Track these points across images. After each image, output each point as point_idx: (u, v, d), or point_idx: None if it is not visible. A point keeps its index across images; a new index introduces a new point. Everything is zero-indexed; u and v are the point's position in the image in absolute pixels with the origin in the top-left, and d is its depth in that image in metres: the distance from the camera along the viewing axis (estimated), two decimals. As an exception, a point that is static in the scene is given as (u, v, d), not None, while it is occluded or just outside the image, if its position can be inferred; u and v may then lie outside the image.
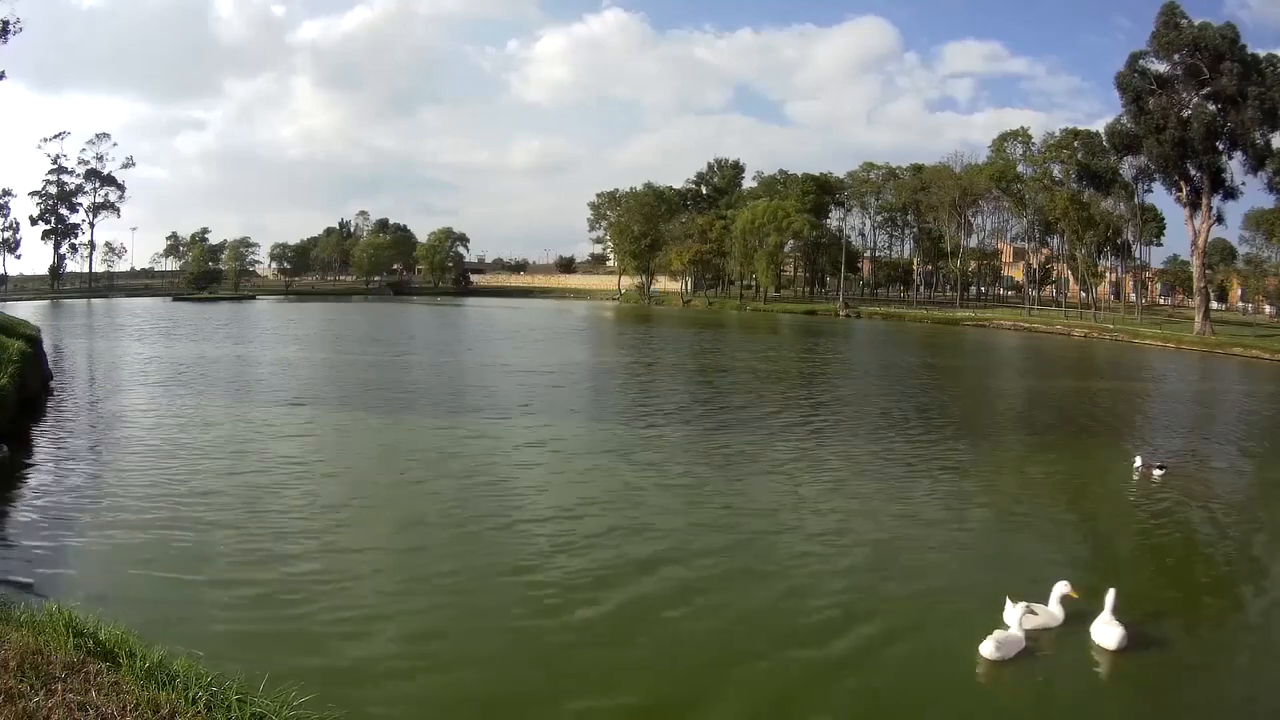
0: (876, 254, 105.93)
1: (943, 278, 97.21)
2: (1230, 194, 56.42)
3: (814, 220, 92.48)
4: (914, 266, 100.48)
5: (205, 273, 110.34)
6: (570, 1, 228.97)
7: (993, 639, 6.78)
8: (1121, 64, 56.78)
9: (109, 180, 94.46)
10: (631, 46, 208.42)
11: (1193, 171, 55.57)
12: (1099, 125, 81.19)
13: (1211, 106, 53.13)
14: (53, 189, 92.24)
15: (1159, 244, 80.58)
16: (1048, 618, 7.33)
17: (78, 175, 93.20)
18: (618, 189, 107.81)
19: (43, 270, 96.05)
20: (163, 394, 20.23)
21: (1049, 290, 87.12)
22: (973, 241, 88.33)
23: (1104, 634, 6.99)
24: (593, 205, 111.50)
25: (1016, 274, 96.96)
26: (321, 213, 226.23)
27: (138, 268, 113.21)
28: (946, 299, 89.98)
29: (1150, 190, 67.15)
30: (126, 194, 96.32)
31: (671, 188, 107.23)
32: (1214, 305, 64.62)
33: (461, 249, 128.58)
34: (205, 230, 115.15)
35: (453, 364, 29.54)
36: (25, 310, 44.39)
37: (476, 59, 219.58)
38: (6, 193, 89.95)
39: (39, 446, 13.81)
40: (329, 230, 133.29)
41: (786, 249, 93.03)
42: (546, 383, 24.20)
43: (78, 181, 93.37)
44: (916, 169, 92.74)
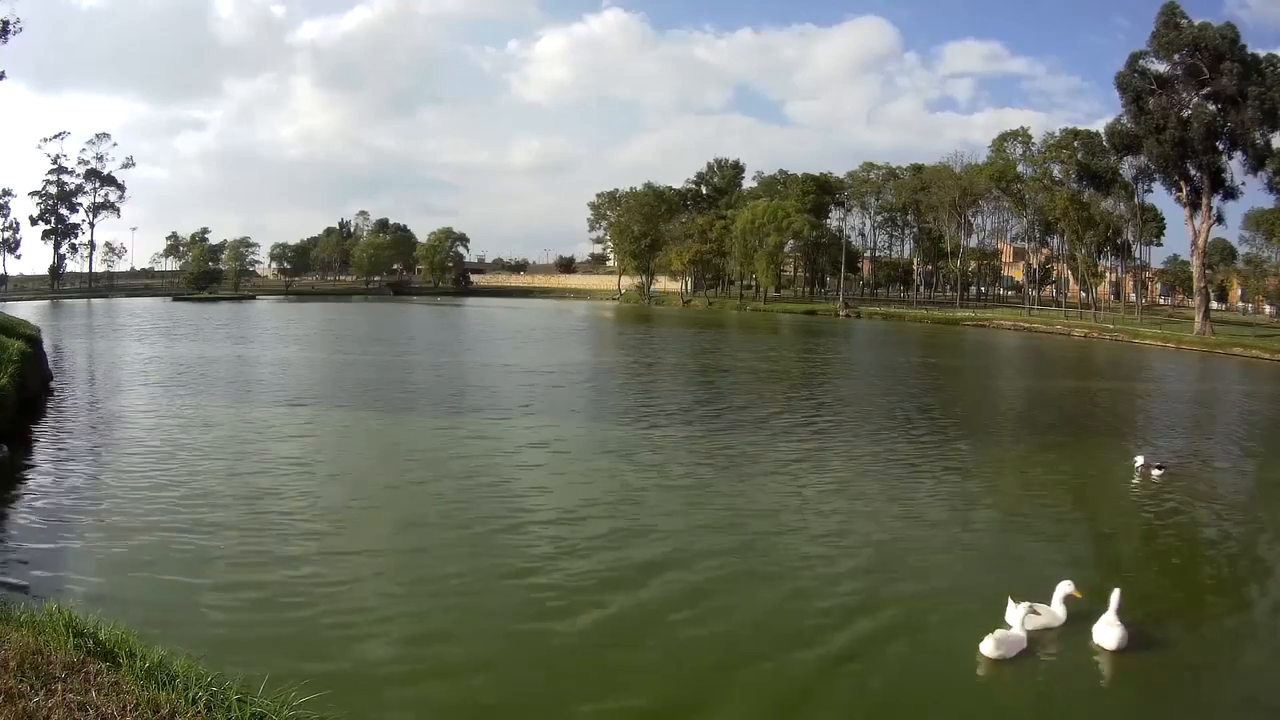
0: (876, 254, 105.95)
1: (943, 278, 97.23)
2: (1230, 194, 56.47)
3: (814, 220, 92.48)
4: (914, 266, 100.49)
5: (205, 273, 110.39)
6: (570, 1, 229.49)
7: (993, 638, 6.78)
8: (1121, 64, 56.91)
9: (109, 180, 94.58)
10: (631, 46, 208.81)
11: (1193, 171, 55.58)
12: (1099, 125, 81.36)
13: (1211, 106, 53.13)
14: (53, 189, 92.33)
15: (1159, 244, 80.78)
16: (1050, 617, 7.33)
17: (78, 175, 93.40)
18: (618, 189, 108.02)
19: (43, 270, 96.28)
20: (163, 394, 20.23)
21: (1049, 290, 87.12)
22: (973, 241, 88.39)
23: (1104, 634, 6.98)
24: (593, 205, 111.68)
25: (1016, 274, 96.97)
26: (321, 213, 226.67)
27: (138, 268, 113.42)
28: (946, 299, 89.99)
29: (1150, 190, 67.31)
30: (126, 194, 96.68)
31: (671, 188, 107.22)
32: (1214, 305, 64.62)
33: (461, 249, 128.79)
34: (205, 230, 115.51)
35: (453, 364, 29.54)
36: (25, 310, 44.40)
37: (476, 59, 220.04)
38: (6, 193, 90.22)
39: (39, 446, 13.80)
40: (329, 230, 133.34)
41: (786, 249, 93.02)
42: (547, 383, 24.18)
43: (78, 181, 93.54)
44: (916, 169, 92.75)
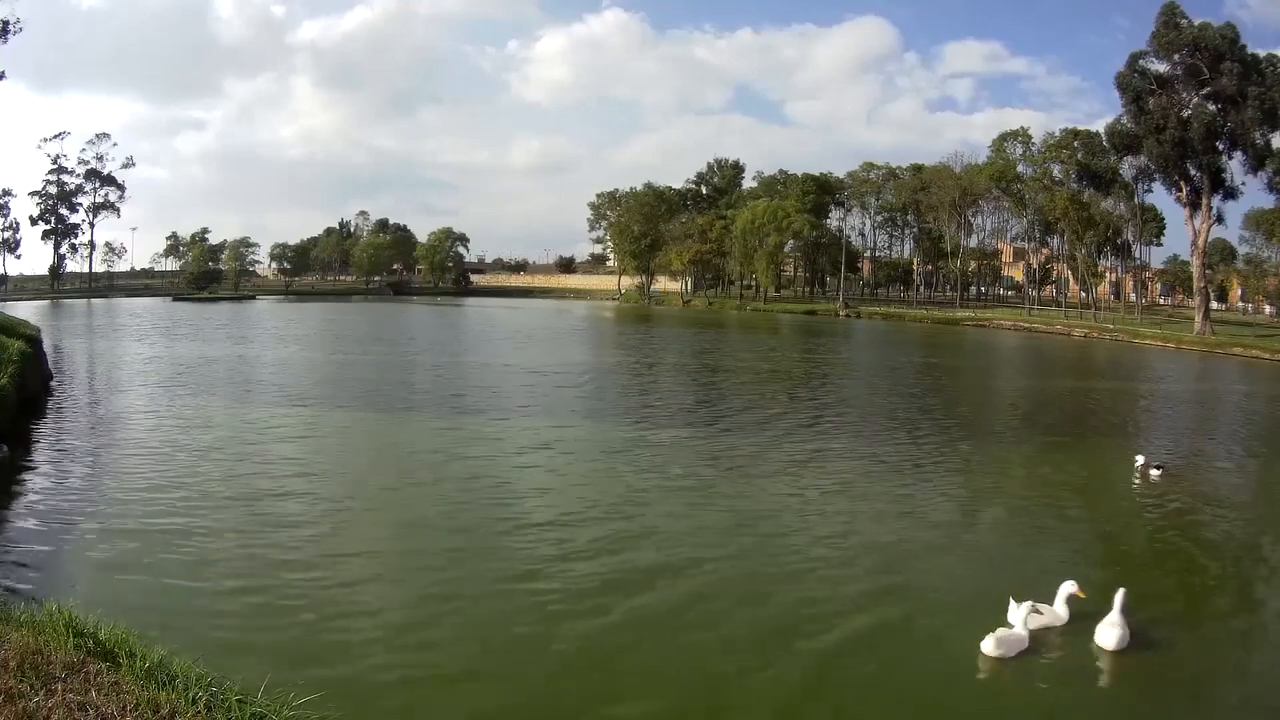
0: (876, 254, 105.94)
1: (943, 278, 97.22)
2: (1230, 194, 56.46)
3: (814, 220, 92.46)
4: (914, 266, 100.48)
5: (205, 273, 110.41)
6: (570, 1, 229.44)
7: (994, 637, 6.78)
8: (1121, 64, 56.88)
9: (109, 180, 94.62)
10: (631, 46, 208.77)
11: (1193, 171, 55.57)
12: (1099, 125, 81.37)
13: (1211, 106, 53.11)
14: (53, 189, 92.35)
15: (1159, 244, 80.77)
16: (1052, 617, 7.32)
17: (78, 175, 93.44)
18: (618, 189, 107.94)
19: (43, 270, 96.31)
20: (163, 394, 20.22)
21: (1049, 290, 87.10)
22: (973, 241, 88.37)
23: (1104, 634, 6.97)
24: (593, 205, 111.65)
25: (1016, 274, 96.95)
26: (321, 213, 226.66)
27: (138, 268, 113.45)
28: (946, 299, 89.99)
29: (1150, 190, 67.28)
30: (126, 194, 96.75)
31: (671, 188, 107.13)
32: (1214, 305, 64.60)
33: (461, 249, 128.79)
34: (205, 230, 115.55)
35: (453, 364, 29.52)
36: (25, 310, 44.41)
37: (476, 59, 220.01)
38: (6, 193, 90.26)
39: (39, 446, 13.79)
40: (329, 230, 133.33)
41: (786, 249, 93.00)
42: (548, 383, 24.17)
43: (78, 181, 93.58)
44: (916, 169, 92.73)
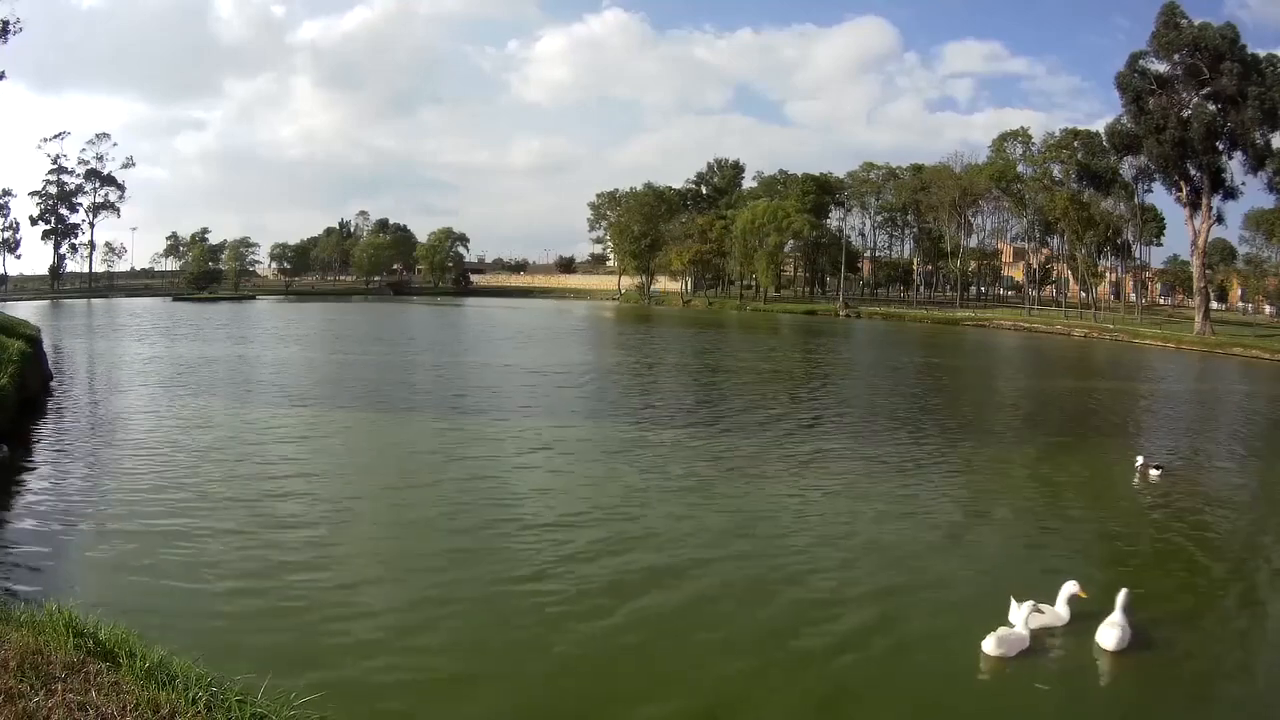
0: (876, 254, 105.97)
1: (943, 278, 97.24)
2: (1230, 194, 56.50)
3: (814, 220, 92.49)
4: (914, 266, 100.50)
5: (205, 273, 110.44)
6: (570, 1, 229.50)
7: (995, 636, 6.78)
8: (1121, 64, 56.96)
9: (109, 180, 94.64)
10: (631, 46, 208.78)
11: (1193, 171, 55.60)
12: (1099, 125, 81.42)
13: (1211, 106, 53.15)
14: (53, 189, 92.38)
15: (1159, 244, 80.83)
16: (1053, 617, 7.31)
17: (78, 175, 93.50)
18: (618, 189, 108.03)
19: (43, 270, 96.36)
20: (163, 394, 20.22)
21: (1049, 290, 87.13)
22: (973, 241, 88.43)
23: (1104, 634, 6.97)
24: (593, 205, 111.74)
25: (1016, 274, 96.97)
26: (321, 213, 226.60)
27: (138, 268, 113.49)
28: (946, 299, 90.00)
29: (1150, 190, 67.36)
30: (126, 194, 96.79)
31: (671, 188, 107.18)
32: (1214, 305, 64.63)
33: (461, 249, 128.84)
34: (205, 230, 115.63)
35: (453, 364, 29.52)
36: (25, 310, 44.40)
37: (476, 59, 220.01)
38: (6, 193, 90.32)
39: (39, 446, 13.78)
40: (329, 230, 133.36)
41: (786, 249, 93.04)
42: (549, 383, 24.17)
43: (78, 181, 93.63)
44: (916, 169, 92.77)
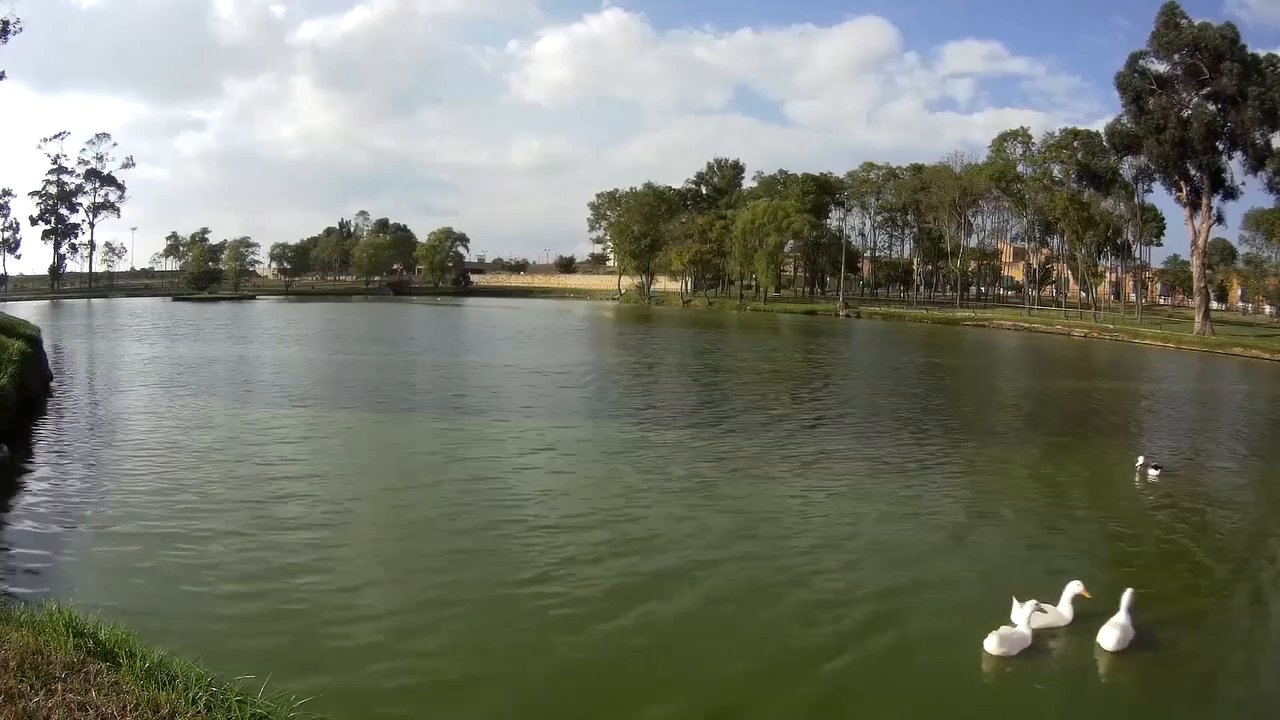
0: (876, 254, 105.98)
1: (943, 278, 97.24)
2: (1230, 194, 56.49)
3: (814, 220, 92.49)
4: (914, 266, 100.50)
5: (205, 273, 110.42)
6: (570, 1, 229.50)
7: (996, 635, 6.78)
8: (1121, 64, 56.95)
9: (109, 180, 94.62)
10: (631, 46, 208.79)
11: (1193, 171, 55.59)
12: (1099, 125, 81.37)
13: (1211, 106, 53.14)
14: (53, 189, 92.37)
15: (1159, 244, 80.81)
16: (1055, 617, 7.31)
17: (78, 175, 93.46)
18: (618, 189, 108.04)
19: (43, 270, 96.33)
20: (163, 394, 20.21)
21: (1049, 290, 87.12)
22: (973, 241, 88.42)
23: (1104, 634, 6.97)
24: (593, 205, 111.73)
25: (1016, 274, 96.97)
26: (321, 213, 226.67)
27: (138, 268, 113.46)
28: (946, 299, 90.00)
29: (1150, 190, 67.33)
30: (126, 194, 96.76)
31: (671, 188, 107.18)
32: (1214, 305, 64.62)
33: (461, 249, 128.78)
34: (205, 230, 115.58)
35: (454, 364, 29.51)
36: (25, 310, 44.38)
37: (476, 59, 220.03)
38: (6, 193, 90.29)
39: (39, 446, 13.78)
40: (329, 230, 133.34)
41: (786, 249, 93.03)
42: (550, 384, 24.16)
43: (78, 181, 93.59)
44: (916, 169, 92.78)
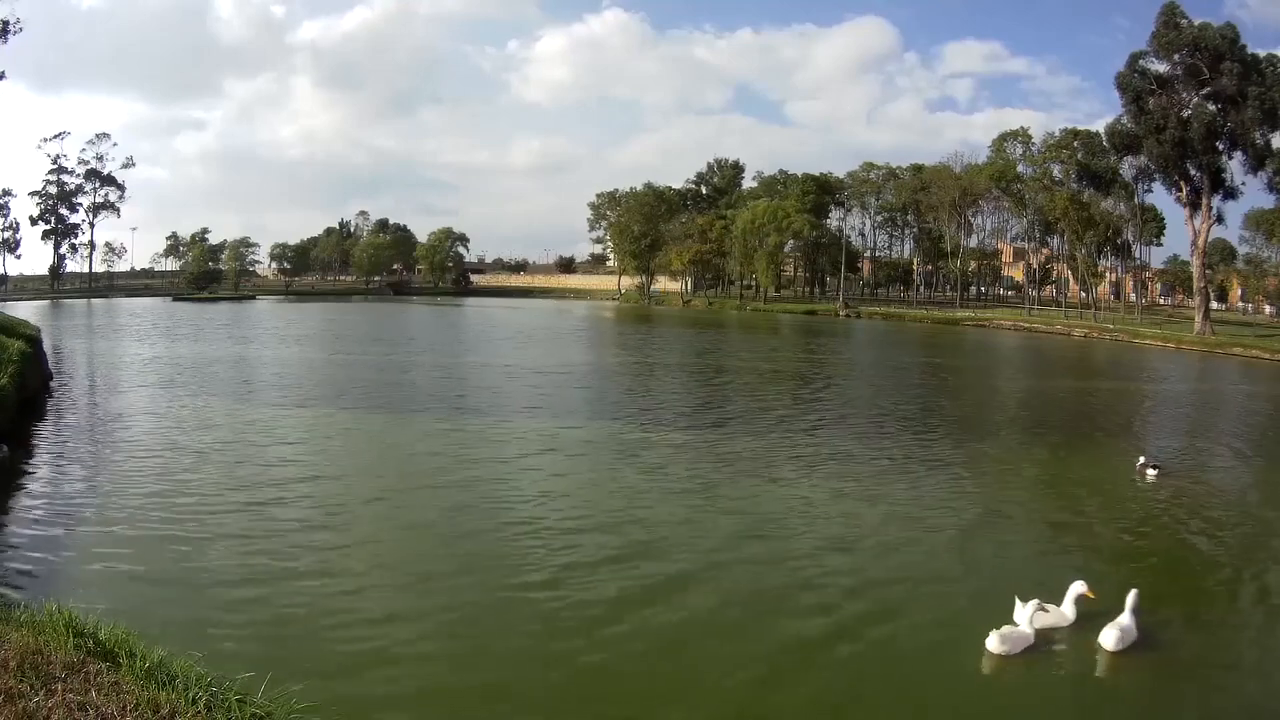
0: (876, 254, 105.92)
1: (943, 278, 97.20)
2: (1230, 194, 56.45)
3: (814, 220, 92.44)
4: (914, 266, 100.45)
5: (205, 273, 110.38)
6: (570, 1, 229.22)
7: (998, 634, 6.79)
8: (1121, 64, 56.88)
9: (109, 180, 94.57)
10: (631, 46, 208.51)
11: (1193, 171, 55.56)
12: (1099, 125, 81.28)
13: (1211, 106, 53.11)
14: (53, 189, 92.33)
15: (1159, 244, 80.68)
16: (1058, 616, 7.31)
17: (78, 175, 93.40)
18: (618, 189, 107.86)
19: (43, 270, 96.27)
20: (163, 394, 20.20)
21: (1049, 290, 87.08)
22: (973, 241, 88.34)
23: (1105, 634, 6.97)
24: (593, 205, 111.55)
25: (1016, 274, 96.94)
26: (321, 213, 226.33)
27: (138, 268, 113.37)
28: (946, 299, 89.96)
29: (1150, 190, 67.24)
30: (126, 194, 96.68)
31: (671, 188, 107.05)
32: (1214, 305, 64.59)
33: (461, 249, 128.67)
34: (205, 230, 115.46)
35: (454, 365, 29.51)
36: (25, 310, 44.39)
37: (476, 59, 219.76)
38: (6, 193, 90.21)
39: (39, 447, 13.78)
40: (329, 230, 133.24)
41: (786, 249, 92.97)
42: (550, 384, 24.15)
43: (78, 181, 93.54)
44: (916, 169, 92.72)
